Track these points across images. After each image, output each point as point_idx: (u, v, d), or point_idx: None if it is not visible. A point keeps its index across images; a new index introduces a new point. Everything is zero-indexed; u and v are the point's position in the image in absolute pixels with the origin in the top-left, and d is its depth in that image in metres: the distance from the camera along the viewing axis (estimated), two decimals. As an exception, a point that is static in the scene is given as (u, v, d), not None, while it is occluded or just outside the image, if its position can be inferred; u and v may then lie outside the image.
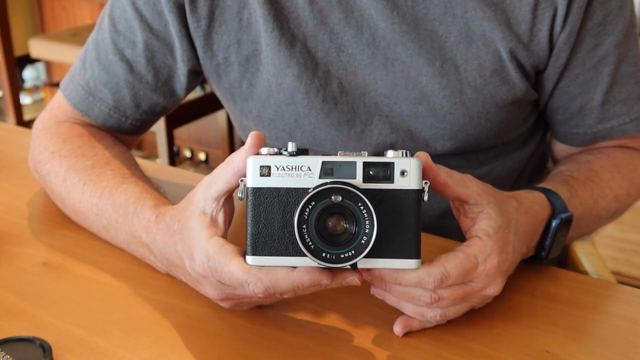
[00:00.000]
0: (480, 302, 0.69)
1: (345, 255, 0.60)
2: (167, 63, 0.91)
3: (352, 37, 0.85)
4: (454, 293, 0.66)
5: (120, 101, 0.93)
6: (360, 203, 0.59)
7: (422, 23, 0.83)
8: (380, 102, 0.87)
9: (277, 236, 0.62)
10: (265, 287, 0.62)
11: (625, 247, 2.26)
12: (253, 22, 0.86)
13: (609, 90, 0.88)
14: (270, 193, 0.62)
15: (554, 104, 0.92)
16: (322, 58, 0.86)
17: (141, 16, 0.88)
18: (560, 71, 0.87)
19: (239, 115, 0.96)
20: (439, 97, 0.85)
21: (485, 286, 0.67)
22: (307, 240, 0.60)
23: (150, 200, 0.77)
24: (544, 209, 0.77)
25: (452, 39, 0.84)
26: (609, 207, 0.88)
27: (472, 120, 0.87)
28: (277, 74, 0.87)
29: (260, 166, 0.62)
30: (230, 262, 0.63)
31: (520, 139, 0.98)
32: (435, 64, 0.84)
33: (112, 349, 0.67)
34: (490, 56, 0.84)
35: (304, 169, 0.61)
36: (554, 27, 0.83)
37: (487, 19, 0.82)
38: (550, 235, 0.77)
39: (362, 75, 0.86)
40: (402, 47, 0.84)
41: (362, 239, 0.60)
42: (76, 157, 0.87)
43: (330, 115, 0.88)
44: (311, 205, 0.59)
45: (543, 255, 0.77)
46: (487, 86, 0.85)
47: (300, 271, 0.61)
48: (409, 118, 0.87)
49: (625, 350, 0.68)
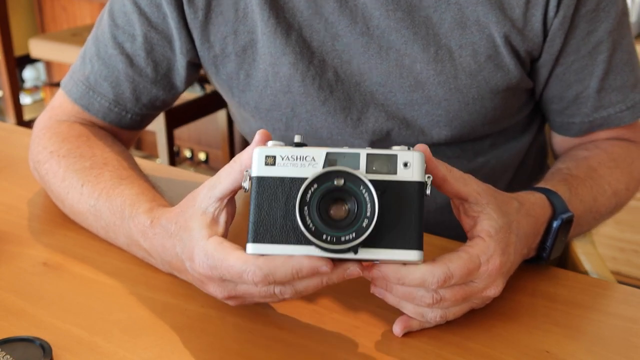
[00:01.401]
0: (480, 303, 0.69)
1: (346, 237, 0.59)
2: (166, 56, 0.92)
3: (346, 26, 0.86)
4: (455, 294, 0.66)
5: (120, 95, 0.93)
6: (362, 186, 0.59)
7: (417, 10, 0.84)
8: (375, 90, 0.88)
9: (279, 224, 0.61)
10: (264, 275, 0.61)
11: (625, 247, 2.26)
12: (249, 12, 0.87)
13: (604, 78, 0.89)
14: (274, 182, 0.62)
15: (550, 93, 0.92)
16: (317, 47, 0.87)
17: (140, 9, 0.89)
18: (555, 58, 0.87)
19: (238, 107, 0.96)
20: (433, 83, 0.86)
21: (486, 287, 0.67)
22: (308, 222, 0.59)
23: (145, 203, 0.77)
24: (544, 211, 0.77)
25: (446, 25, 0.84)
26: (608, 203, 0.88)
27: (467, 107, 0.87)
28: (273, 63, 0.88)
29: (265, 156, 0.62)
30: (229, 255, 0.63)
31: (516, 128, 0.98)
32: (429, 50, 0.85)
33: (112, 349, 0.67)
34: (484, 42, 0.84)
35: (308, 159, 0.62)
36: (547, 12, 0.83)
37: (481, 4, 0.83)
38: (552, 236, 0.76)
39: (356, 64, 0.87)
40: (396, 35, 0.85)
41: (364, 222, 0.59)
42: (75, 157, 0.87)
43: (326, 103, 0.88)
44: (314, 187, 0.59)
45: (545, 256, 0.77)
46: (481, 72, 0.85)
47: (300, 257, 0.61)
48: (404, 106, 0.88)
49: (625, 350, 0.68)
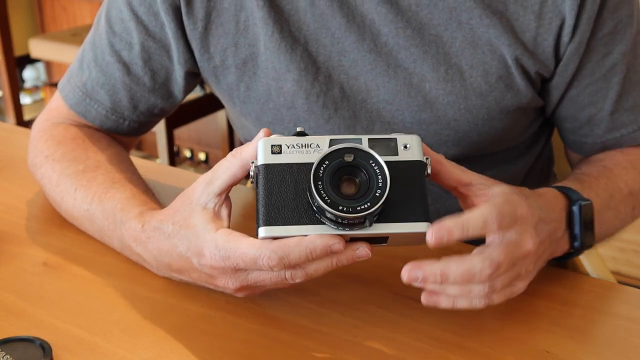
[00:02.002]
0: (522, 272, 0.66)
1: (362, 207, 0.60)
2: (164, 65, 0.90)
3: (353, 42, 0.84)
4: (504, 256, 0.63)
5: (117, 103, 0.92)
6: (371, 160, 0.61)
7: (427, 28, 0.82)
8: (382, 108, 0.86)
9: (290, 206, 0.62)
10: (279, 258, 0.61)
11: (625, 247, 2.26)
12: (250, 24, 0.86)
13: (618, 100, 0.87)
14: (282, 169, 0.63)
15: (563, 113, 0.91)
16: (323, 62, 0.85)
17: (137, 17, 0.88)
18: (568, 81, 0.86)
19: (239, 116, 0.95)
20: (443, 103, 0.84)
21: (521, 238, 0.65)
22: (324, 195, 0.60)
23: (135, 207, 0.77)
24: (558, 200, 0.75)
25: (457, 44, 0.82)
26: (626, 202, 0.85)
27: (477, 127, 0.86)
28: (277, 78, 0.86)
29: (271, 145, 0.63)
30: (241, 243, 0.63)
31: (524, 144, 0.97)
32: (439, 69, 0.83)
33: (112, 349, 0.67)
34: (495, 62, 0.83)
35: (313, 146, 0.63)
36: (561, 38, 0.82)
37: (493, 27, 0.81)
38: (577, 222, 0.74)
39: (363, 80, 0.85)
40: (405, 52, 0.83)
41: (376, 192, 0.60)
42: (68, 161, 0.86)
43: (330, 121, 0.87)
44: (325, 164, 0.61)
45: (578, 245, 0.75)
46: (492, 92, 0.84)
47: (313, 236, 0.61)
48: (412, 125, 0.86)
49: (625, 350, 0.68)
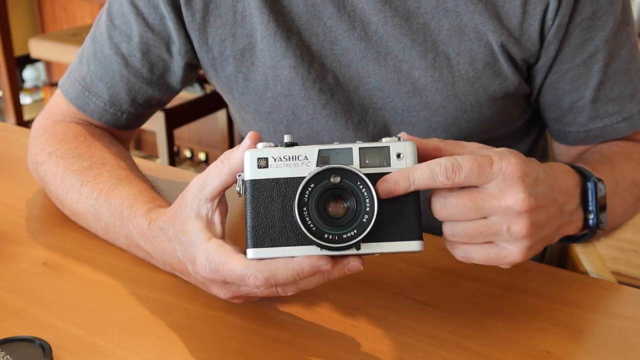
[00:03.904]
0: (505, 241, 0.63)
1: (348, 235, 0.59)
2: (162, 57, 0.92)
3: (345, 31, 0.86)
4: (463, 199, 0.61)
5: (115, 96, 0.94)
6: (359, 182, 0.60)
7: (415, 16, 0.84)
8: (373, 95, 0.88)
9: (278, 226, 0.61)
10: (265, 278, 0.61)
11: (625, 247, 2.26)
12: (247, 15, 0.87)
13: (599, 88, 0.87)
14: (269, 184, 0.61)
15: (546, 100, 0.91)
16: (316, 51, 0.87)
17: (137, 10, 0.89)
18: (549, 65, 0.86)
19: (239, 109, 0.96)
20: (431, 90, 0.86)
21: (502, 194, 0.61)
22: (309, 222, 0.59)
23: (143, 204, 0.77)
24: (571, 174, 0.72)
25: (444, 32, 0.84)
26: (630, 190, 0.85)
27: (465, 114, 0.87)
28: (273, 66, 0.88)
29: (257, 158, 0.62)
30: (230, 259, 0.63)
31: (515, 135, 0.98)
32: (427, 57, 0.85)
33: (112, 349, 0.67)
34: (482, 49, 0.84)
35: (301, 158, 0.61)
36: (545, 21, 0.83)
37: (478, 13, 0.83)
38: (592, 197, 0.72)
39: (355, 68, 0.87)
40: (394, 41, 0.85)
41: (364, 218, 0.59)
42: (73, 157, 0.87)
43: (327, 106, 0.89)
44: (311, 187, 0.59)
45: (593, 223, 0.72)
46: (479, 79, 0.85)
47: (300, 258, 0.61)
48: (402, 112, 0.88)
49: (625, 350, 0.68)
